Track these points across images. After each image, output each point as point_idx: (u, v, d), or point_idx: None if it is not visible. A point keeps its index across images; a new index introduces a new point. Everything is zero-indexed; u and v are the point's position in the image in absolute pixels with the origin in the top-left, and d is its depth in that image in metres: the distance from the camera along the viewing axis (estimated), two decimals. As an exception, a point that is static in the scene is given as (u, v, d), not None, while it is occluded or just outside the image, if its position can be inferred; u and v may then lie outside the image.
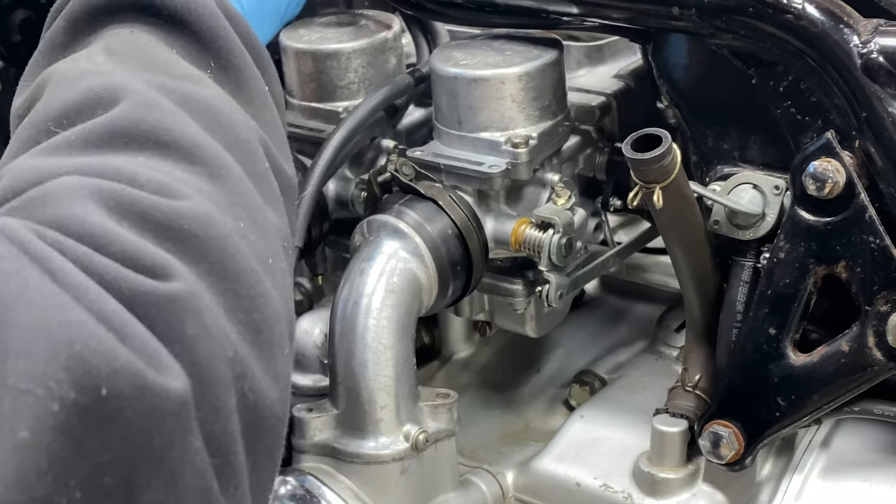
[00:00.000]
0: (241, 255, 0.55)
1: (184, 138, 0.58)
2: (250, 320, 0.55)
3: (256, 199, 0.60)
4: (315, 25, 1.08)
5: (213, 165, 0.58)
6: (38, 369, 0.42)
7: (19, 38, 1.33)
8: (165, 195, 0.54)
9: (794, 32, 0.82)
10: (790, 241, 0.85)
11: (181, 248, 0.52)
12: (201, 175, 0.57)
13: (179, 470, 0.47)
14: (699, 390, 0.95)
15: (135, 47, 0.65)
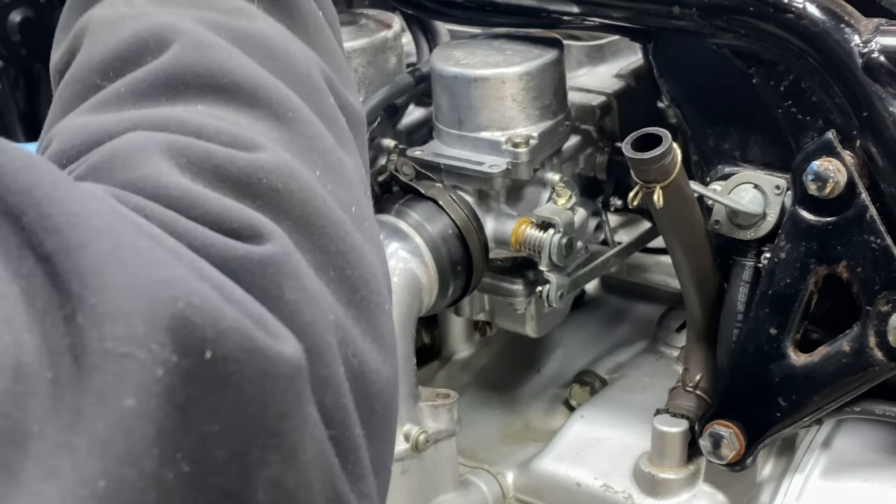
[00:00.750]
0: (325, 206, 0.50)
1: (244, 79, 0.53)
2: (343, 277, 0.50)
3: (329, 142, 0.55)
4: (315, 25, 1.08)
5: (278, 107, 0.53)
6: (139, 331, 0.39)
7: (19, 37, 1.33)
8: (238, 147, 0.49)
9: (794, 32, 0.82)
10: (791, 240, 0.85)
11: (264, 205, 0.48)
12: (268, 119, 0.53)
13: (298, 443, 0.43)
14: (700, 390, 0.95)
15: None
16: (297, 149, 0.52)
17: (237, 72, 0.53)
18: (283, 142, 0.52)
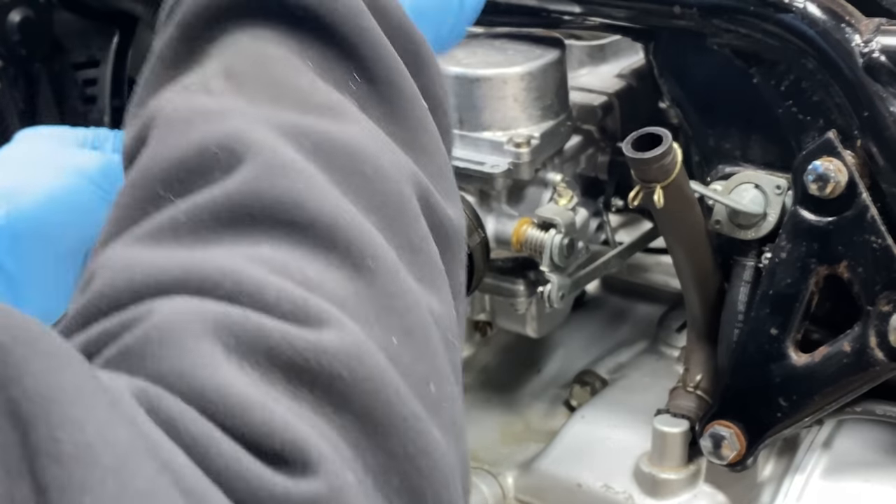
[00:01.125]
0: (397, 397, 0.43)
1: (320, 216, 0.45)
2: (410, 488, 0.43)
3: (412, 297, 0.47)
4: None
5: (357, 254, 0.46)
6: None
7: (18, 37, 1.33)
8: (300, 320, 0.42)
9: (795, 31, 0.82)
10: (792, 240, 0.85)
11: (322, 395, 0.42)
12: (343, 268, 0.45)
13: None
14: (700, 391, 0.95)
15: (259, 65, 0.52)
16: (372, 311, 0.45)
17: (313, 206, 0.46)
18: (357, 303, 0.45)
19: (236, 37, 0.54)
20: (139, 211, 0.47)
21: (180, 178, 0.47)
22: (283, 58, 0.52)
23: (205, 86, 0.52)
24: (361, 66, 0.53)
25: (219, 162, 0.47)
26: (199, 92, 0.51)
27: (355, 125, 0.51)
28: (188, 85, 0.52)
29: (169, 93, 0.53)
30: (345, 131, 0.50)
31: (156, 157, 0.49)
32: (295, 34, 0.53)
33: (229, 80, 0.52)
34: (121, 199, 0.49)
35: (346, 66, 0.53)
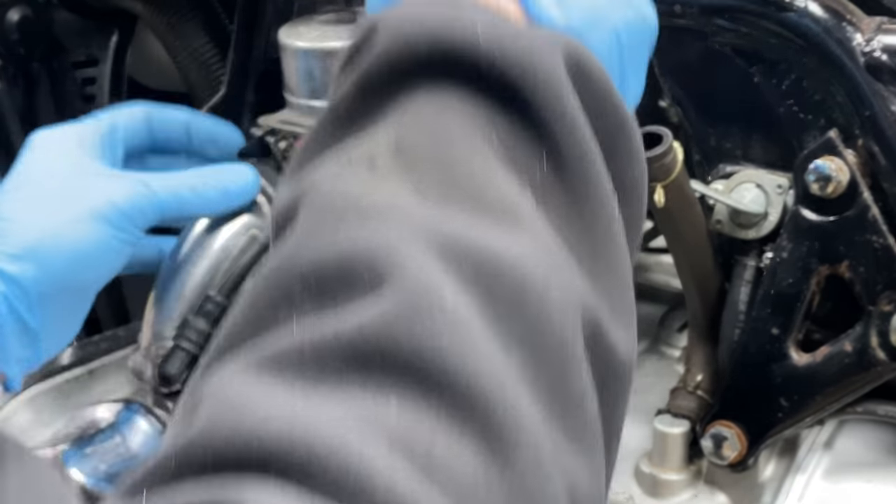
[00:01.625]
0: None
1: (461, 374, 0.39)
2: None
3: (551, 485, 0.42)
4: (315, 23, 1.08)
5: (496, 428, 0.39)
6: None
7: (17, 36, 1.33)
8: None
9: (796, 30, 0.82)
10: (793, 240, 0.85)
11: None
12: (476, 444, 0.39)
13: None
14: (701, 391, 0.94)
15: (436, 143, 0.46)
16: (508, 497, 0.39)
17: (455, 361, 0.40)
18: (486, 496, 0.39)
19: (419, 100, 0.47)
20: (271, 313, 0.43)
21: (319, 284, 0.42)
22: (464, 135, 0.46)
23: (371, 160, 0.46)
24: (552, 152, 0.47)
25: (361, 281, 0.42)
26: (363, 168, 0.46)
27: (528, 239, 0.44)
28: (353, 157, 0.47)
29: (331, 164, 0.47)
30: (514, 250, 0.43)
31: (299, 250, 0.44)
32: (485, 102, 0.47)
33: (398, 158, 0.46)
34: (257, 292, 0.44)
35: (536, 149, 0.47)
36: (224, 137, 1.04)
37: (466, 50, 0.47)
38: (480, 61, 0.47)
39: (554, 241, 0.46)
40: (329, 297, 0.42)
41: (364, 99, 0.49)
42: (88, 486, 0.98)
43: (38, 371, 1.09)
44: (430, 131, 0.47)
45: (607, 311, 0.47)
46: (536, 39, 0.48)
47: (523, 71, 0.46)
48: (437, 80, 0.47)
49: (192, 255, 1.01)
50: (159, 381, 0.98)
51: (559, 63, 0.47)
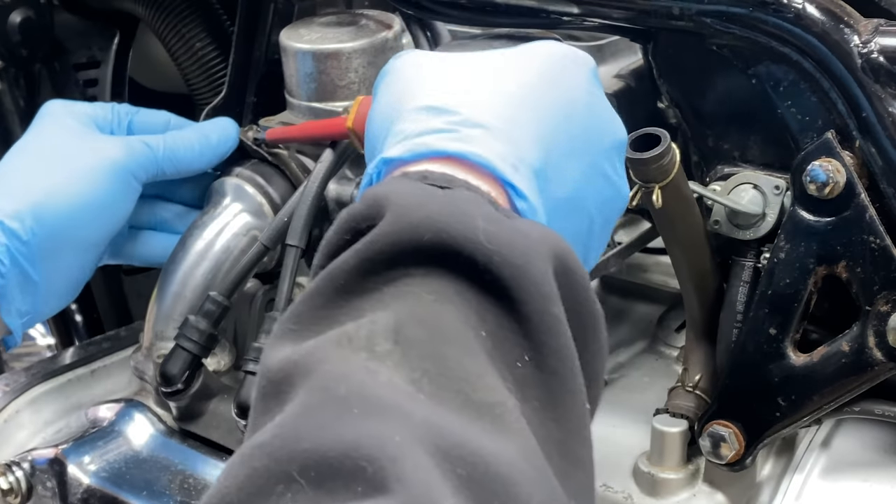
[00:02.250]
0: None
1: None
2: None
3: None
4: (315, 25, 1.08)
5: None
6: None
7: (19, 38, 1.33)
8: None
9: (794, 32, 0.82)
10: (790, 241, 0.85)
11: None
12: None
13: None
14: (699, 390, 0.95)
15: (431, 335, 0.49)
16: None
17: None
18: None
19: (417, 287, 0.50)
20: (268, 488, 0.44)
21: (319, 470, 0.44)
22: (457, 330, 0.49)
23: (371, 344, 0.48)
24: (535, 351, 0.50)
25: (365, 477, 0.43)
26: (363, 350, 0.48)
27: (514, 443, 0.47)
28: (353, 336, 0.49)
29: (330, 342, 0.49)
30: (503, 455, 0.46)
31: (299, 430, 0.45)
32: (478, 295, 0.50)
33: (397, 346, 0.48)
34: (255, 462, 0.45)
35: (521, 344, 0.50)
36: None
37: (466, 245, 0.50)
38: (478, 258, 0.50)
39: (535, 444, 0.49)
40: (329, 486, 0.43)
41: (364, 276, 0.51)
42: (91, 484, 0.99)
43: (41, 371, 1.10)
44: (427, 322, 0.49)
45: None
46: (531, 241, 0.52)
47: (516, 273, 0.50)
48: (435, 268, 0.51)
49: (193, 255, 1.02)
50: (161, 381, 0.98)
51: (548, 268, 0.51)
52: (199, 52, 1.31)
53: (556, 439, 0.50)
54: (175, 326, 0.99)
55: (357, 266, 0.51)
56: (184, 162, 1.01)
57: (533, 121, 0.61)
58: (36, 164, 0.95)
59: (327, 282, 0.52)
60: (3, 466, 1.01)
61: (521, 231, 0.52)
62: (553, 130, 0.62)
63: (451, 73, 0.64)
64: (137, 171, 0.97)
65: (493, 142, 0.58)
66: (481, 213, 0.52)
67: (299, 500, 0.43)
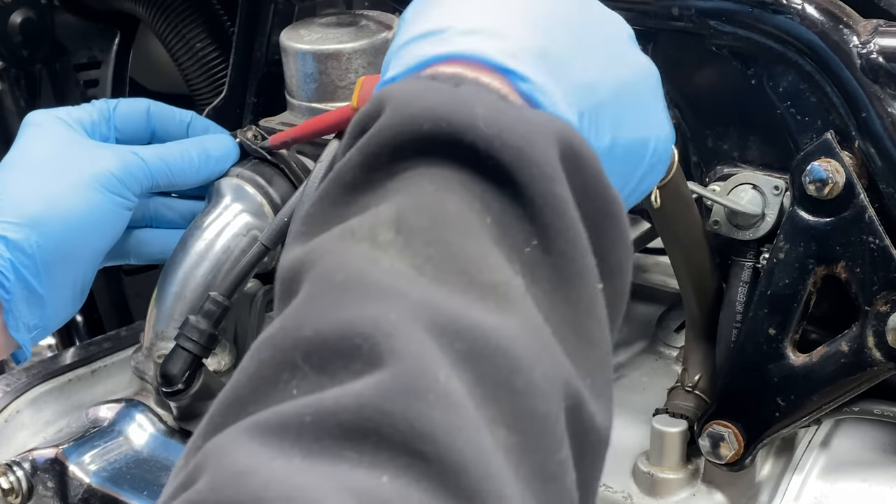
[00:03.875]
0: None
1: (451, 452, 0.42)
2: None
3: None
4: (315, 26, 1.08)
5: (480, 502, 0.42)
6: None
7: (20, 38, 1.34)
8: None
9: (793, 33, 0.82)
10: (790, 241, 0.85)
11: None
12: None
13: None
14: (699, 390, 0.95)
15: (434, 223, 0.49)
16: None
17: (445, 441, 0.42)
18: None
19: (419, 178, 0.50)
20: (275, 377, 0.45)
21: (321, 354, 0.45)
22: (461, 215, 0.49)
23: (373, 234, 0.49)
24: (542, 234, 0.50)
25: (361, 354, 0.44)
26: (365, 241, 0.49)
27: (517, 320, 0.47)
28: (356, 229, 0.49)
29: (334, 237, 0.50)
30: (504, 331, 0.46)
31: (301, 318, 0.46)
32: (482, 183, 0.50)
33: (399, 234, 0.49)
34: (262, 354, 0.46)
35: (527, 229, 0.50)
36: (220, 132, 1.07)
37: (467, 132, 0.50)
38: (479, 144, 0.50)
39: (541, 320, 0.49)
40: (330, 368, 0.44)
41: (369, 172, 0.52)
42: (91, 484, 0.99)
43: (41, 371, 1.10)
44: (430, 210, 0.49)
45: (587, 387, 0.50)
46: (533, 125, 0.51)
47: (518, 155, 0.50)
48: (437, 158, 0.51)
49: (193, 255, 1.02)
50: (161, 381, 0.98)
51: (552, 150, 0.51)
52: (199, 52, 1.31)
53: (569, 320, 0.50)
54: (175, 326, 0.99)
55: (361, 162, 0.52)
56: (181, 176, 1.01)
57: (530, 20, 0.60)
58: (32, 175, 0.94)
59: (335, 182, 0.52)
60: (4, 466, 1.01)
61: (523, 117, 0.52)
62: (556, 28, 0.61)
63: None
64: (133, 184, 0.97)
65: (488, 39, 0.57)
66: (481, 102, 0.51)
67: (303, 385, 0.44)
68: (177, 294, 1.02)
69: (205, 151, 1.02)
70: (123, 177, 0.96)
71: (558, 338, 0.49)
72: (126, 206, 0.97)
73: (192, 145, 1.02)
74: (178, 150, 1.01)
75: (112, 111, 1.03)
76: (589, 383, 0.50)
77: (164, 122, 1.05)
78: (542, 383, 0.47)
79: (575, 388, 0.49)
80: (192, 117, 1.06)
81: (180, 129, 1.06)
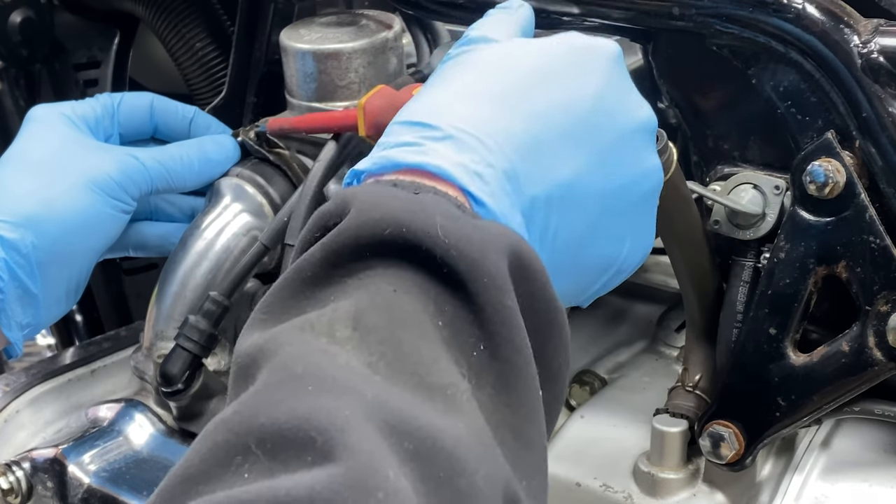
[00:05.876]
0: None
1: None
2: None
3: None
4: (315, 25, 1.08)
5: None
6: None
7: (19, 38, 1.34)
8: None
9: (793, 32, 0.82)
10: (790, 241, 0.85)
11: None
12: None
13: None
14: (699, 390, 0.95)
15: (389, 322, 0.52)
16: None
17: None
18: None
19: (378, 278, 0.53)
20: (228, 459, 0.47)
21: (275, 442, 0.47)
22: (415, 317, 0.52)
23: (331, 329, 0.51)
24: (490, 340, 0.53)
25: (315, 447, 0.46)
26: (323, 335, 0.51)
27: (463, 420, 0.50)
28: (315, 323, 0.52)
29: (294, 328, 0.52)
30: (451, 431, 0.49)
31: (258, 405, 0.48)
32: (436, 287, 0.53)
33: (356, 331, 0.51)
34: (217, 436, 0.48)
35: (476, 334, 0.53)
36: (223, 130, 1.07)
37: (425, 240, 0.53)
38: (436, 251, 0.53)
39: (483, 423, 0.51)
40: (282, 456, 0.46)
41: (330, 268, 0.54)
42: (91, 484, 0.99)
43: (41, 371, 1.10)
44: (386, 310, 0.52)
45: (524, 490, 0.52)
46: (488, 236, 0.55)
47: (471, 266, 0.53)
48: (396, 261, 0.54)
49: (193, 255, 1.02)
50: (161, 381, 0.98)
51: (503, 261, 0.54)
52: (199, 52, 1.31)
53: (510, 424, 0.53)
54: (175, 326, 0.99)
55: (322, 259, 0.54)
56: (180, 180, 1.01)
57: (514, 122, 0.63)
58: (31, 174, 0.94)
59: (296, 274, 0.55)
60: (4, 466, 1.01)
61: (478, 227, 0.55)
62: (540, 127, 0.64)
63: (448, 79, 0.66)
64: (132, 188, 0.97)
65: (456, 153, 0.60)
66: (441, 212, 0.55)
67: (255, 470, 0.46)
68: (177, 294, 1.02)
69: (205, 154, 1.02)
70: (122, 181, 0.96)
71: (499, 440, 0.52)
72: (123, 210, 0.97)
73: (192, 148, 1.02)
74: (178, 153, 1.01)
75: (116, 107, 1.03)
76: (525, 486, 0.52)
77: (166, 118, 1.05)
78: (484, 485, 0.48)
79: (513, 491, 0.51)
80: (194, 113, 1.06)
81: (183, 125, 1.05)
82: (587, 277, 0.70)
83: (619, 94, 0.70)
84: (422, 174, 0.60)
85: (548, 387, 0.56)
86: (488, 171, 0.60)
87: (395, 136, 0.63)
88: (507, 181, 0.61)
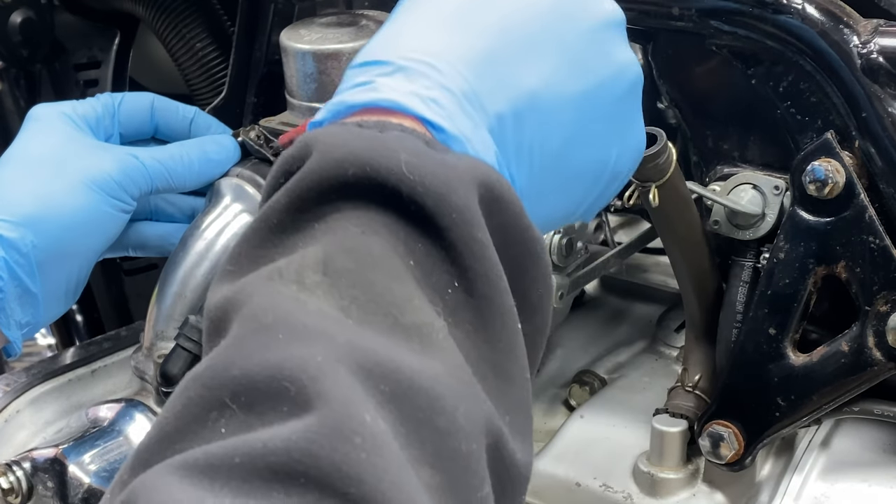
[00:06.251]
0: None
1: (376, 494, 0.43)
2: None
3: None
4: (315, 25, 1.08)
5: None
6: None
7: (20, 38, 1.34)
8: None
9: (793, 32, 0.82)
10: (790, 241, 0.85)
11: None
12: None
13: None
14: (699, 390, 0.95)
15: (359, 265, 0.50)
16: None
17: (371, 483, 0.43)
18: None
19: (345, 221, 0.52)
20: (203, 415, 0.46)
21: (249, 395, 0.46)
22: (385, 258, 0.51)
23: (300, 276, 0.50)
24: (463, 277, 0.52)
25: (289, 397, 0.45)
26: (293, 282, 0.50)
27: (440, 359, 0.49)
28: (283, 270, 0.51)
29: (262, 277, 0.51)
30: (428, 370, 0.48)
31: (230, 358, 0.47)
32: (405, 226, 0.52)
33: (326, 276, 0.50)
34: (190, 392, 0.47)
35: (449, 271, 0.52)
36: (223, 130, 1.07)
37: (390, 177, 0.52)
38: (402, 189, 0.51)
39: (462, 361, 0.50)
40: (258, 409, 0.45)
41: (295, 213, 0.53)
42: (91, 484, 0.99)
43: (41, 371, 1.10)
44: (355, 253, 0.51)
45: (507, 425, 0.52)
46: (455, 171, 0.53)
47: (439, 201, 0.51)
48: (362, 202, 0.52)
49: (193, 255, 1.02)
50: (161, 381, 0.98)
51: (473, 195, 0.53)
52: (199, 52, 1.31)
53: (490, 360, 0.52)
54: (175, 326, 0.99)
55: (287, 204, 0.53)
56: (180, 180, 1.01)
57: (467, 41, 0.61)
58: (31, 174, 0.94)
59: (261, 222, 0.54)
60: (4, 466, 1.01)
61: (445, 162, 0.53)
62: (494, 41, 0.61)
63: (400, 15, 0.64)
64: (132, 188, 0.97)
65: (408, 83, 0.58)
66: (405, 148, 0.53)
67: (231, 424, 0.45)
68: (177, 294, 1.02)
69: (205, 155, 1.01)
70: (122, 180, 0.96)
71: (479, 377, 0.51)
72: (123, 210, 0.97)
73: (192, 148, 1.02)
74: (178, 153, 1.00)
75: (117, 106, 1.03)
76: (508, 421, 0.52)
77: (167, 118, 1.05)
78: (465, 423, 0.48)
79: (496, 427, 0.50)
80: (195, 113, 1.06)
81: (183, 125, 1.06)
82: (579, 189, 0.67)
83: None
84: (385, 112, 0.58)
85: (528, 318, 0.55)
86: (443, 95, 0.58)
87: (350, 79, 0.61)
88: (466, 101, 0.59)
